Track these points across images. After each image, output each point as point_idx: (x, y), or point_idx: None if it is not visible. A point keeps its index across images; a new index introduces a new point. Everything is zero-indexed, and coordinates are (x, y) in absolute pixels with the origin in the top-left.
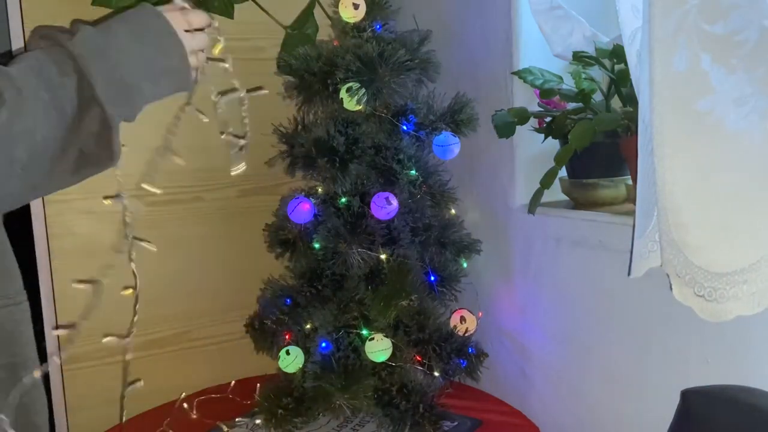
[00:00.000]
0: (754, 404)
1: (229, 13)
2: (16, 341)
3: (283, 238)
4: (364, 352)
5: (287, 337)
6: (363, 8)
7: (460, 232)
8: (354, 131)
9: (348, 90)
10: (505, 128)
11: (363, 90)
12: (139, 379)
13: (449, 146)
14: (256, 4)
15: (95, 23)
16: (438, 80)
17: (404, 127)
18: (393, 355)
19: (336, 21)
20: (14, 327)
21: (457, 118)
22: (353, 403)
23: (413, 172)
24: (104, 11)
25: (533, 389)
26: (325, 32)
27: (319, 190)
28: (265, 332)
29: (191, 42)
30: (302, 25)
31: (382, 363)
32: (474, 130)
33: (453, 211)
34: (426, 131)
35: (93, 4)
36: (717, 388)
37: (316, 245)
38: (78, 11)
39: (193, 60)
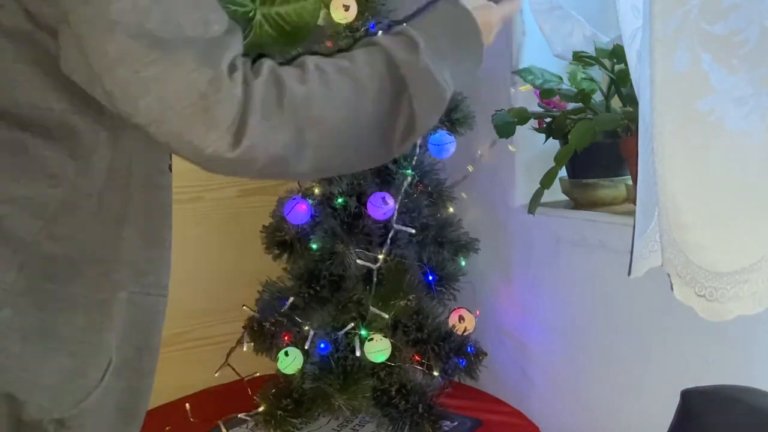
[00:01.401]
0: (754, 404)
1: None
2: (152, 329)
3: (281, 239)
4: (363, 352)
5: (286, 338)
6: (354, 9)
7: (457, 230)
8: None
9: None
10: (505, 128)
11: None
12: None
13: (444, 145)
14: None
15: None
16: None
17: None
18: (392, 355)
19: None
20: (156, 316)
21: (452, 117)
22: (352, 403)
23: (409, 171)
24: None
25: (533, 389)
26: None
27: (316, 190)
28: (264, 334)
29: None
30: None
31: (381, 363)
32: (471, 128)
33: (451, 210)
34: None
35: None
36: (717, 388)
37: (314, 246)
38: None
39: None
